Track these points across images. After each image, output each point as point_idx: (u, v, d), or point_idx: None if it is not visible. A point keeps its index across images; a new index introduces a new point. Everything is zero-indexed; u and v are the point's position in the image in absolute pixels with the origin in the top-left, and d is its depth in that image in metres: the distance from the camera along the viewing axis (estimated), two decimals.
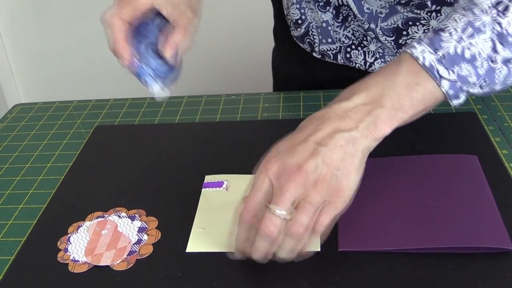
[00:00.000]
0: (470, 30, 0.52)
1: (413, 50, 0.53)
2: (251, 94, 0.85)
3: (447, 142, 0.68)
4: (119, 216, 0.61)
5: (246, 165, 0.65)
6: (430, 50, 0.52)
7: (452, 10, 0.56)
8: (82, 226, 0.60)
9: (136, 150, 0.73)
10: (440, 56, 0.52)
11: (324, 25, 0.82)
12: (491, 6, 0.53)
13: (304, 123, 0.54)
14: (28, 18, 1.90)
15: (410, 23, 0.75)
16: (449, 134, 0.69)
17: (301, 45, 0.88)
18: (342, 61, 0.84)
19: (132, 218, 0.60)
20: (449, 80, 0.52)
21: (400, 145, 0.67)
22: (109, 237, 0.58)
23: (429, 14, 0.74)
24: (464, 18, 0.53)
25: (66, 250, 0.57)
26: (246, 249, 0.52)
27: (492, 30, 0.52)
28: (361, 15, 0.77)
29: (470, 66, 0.52)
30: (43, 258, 0.56)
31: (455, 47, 0.52)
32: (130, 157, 0.72)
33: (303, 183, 0.49)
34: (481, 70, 0.52)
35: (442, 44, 0.52)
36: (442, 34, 0.53)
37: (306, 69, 0.89)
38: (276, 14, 0.93)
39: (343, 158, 0.50)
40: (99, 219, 0.61)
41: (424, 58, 0.52)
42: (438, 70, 0.52)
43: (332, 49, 0.84)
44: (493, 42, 0.52)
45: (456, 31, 0.52)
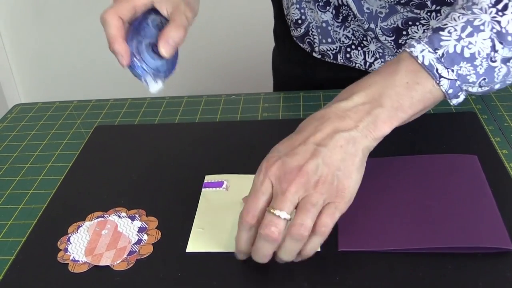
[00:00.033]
0: (469, 29, 0.52)
1: (412, 49, 0.53)
2: (251, 94, 0.85)
3: (447, 142, 0.68)
4: (119, 216, 0.61)
5: (246, 165, 0.65)
6: (430, 49, 0.52)
7: (451, 9, 0.56)
8: (82, 226, 0.60)
9: (136, 150, 0.73)
10: (439, 55, 0.52)
11: (324, 25, 0.82)
12: (490, 5, 0.52)
13: (303, 124, 0.54)
14: (28, 18, 1.90)
15: (410, 23, 0.75)
16: (449, 134, 0.69)
17: (301, 45, 0.87)
18: (342, 61, 0.84)
19: (132, 218, 0.60)
20: (448, 79, 0.52)
21: (400, 145, 0.67)
22: (109, 237, 0.58)
23: (429, 14, 0.74)
24: (463, 17, 0.53)
25: (66, 250, 0.57)
26: (247, 250, 0.51)
27: (491, 29, 0.52)
28: (361, 15, 0.77)
29: (469, 65, 0.52)
30: (43, 258, 0.56)
31: (455, 46, 0.52)
32: (130, 157, 0.72)
33: (304, 185, 0.49)
34: (480, 69, 0.52)
35: (442, 43, 0.52)
36: (441, 33, 0.53)
37: (306, 69, 0.89)
38: (276, 14, 0.93)
39: (344, 158, 0.50)
40: (99, 219, 0.61)
41: (423, 57, 0.52)
42: (437, 70, 0.52)
43: (332, 49, 0.84)
44: (492, 41, 0.52)
45: (455, 30, 0.52)
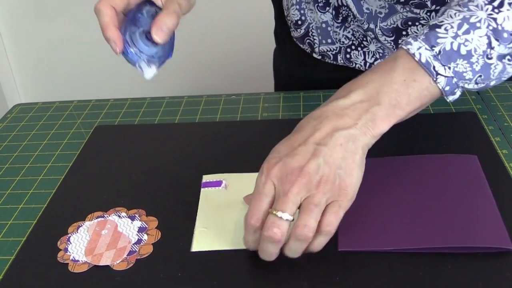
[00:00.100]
0: (465, 26, 0.52)
1: (409, 47, 0.53)
2: (251, 94, 0.85)
3: (447, 142, 0.68)
4: (119, 216, 0.61)
5: (247, 165, 0.65)
6: (427, 47, 0.52)
7: (447, 6, 0.56)
8: (82, 226, 0.60)
9: (136, 150, 0.73)
10: (436, 52, 0.52)
11: (323, 25, 0.82)
12: (486, 2, 0.53)
13: (302, 123, 0.54)
14: (28, 18, 1.90)
15: (410, 23, 0.75)
16: (449, 134, 0.69)
17: (301, 46, 0.87)
18: (342, 61, 0.84)
19: (132, 218, 0.60)
20: (445, 76, 0.52)
21: (400, 145, 0.67)
22: (109, 237, 0.58)
23: (428, 14, 0.74)
24: (459, 14, 0.53)
25: (66, 250, 0.57)
26: (256, 249, 0.52)
27: (487, 26, 0.52)
28: (360, 15, 0.77)
29: (466, 62, 0.52)
30: (43, 258, 0.56)
31: (451, 44, 0.52)
32: (130, 157, 0.72)
33: (306, 185, 0.49)
34: (476, 66, 0.52)
35: (438, 40, 0.52)
36: (438, 30, 0.53)
37: (306, 70, 0.89)
38: (276, 15, 0.93)
39: (344, 156, 0.50)
40: (99, 219, 0.61)
41: (420, 54, 0.52)
42: (434, 67, 0.52)
43: (332, 49, 0.84)
44: (488, 38, 0.52)
45: (452, 27, 0.52)
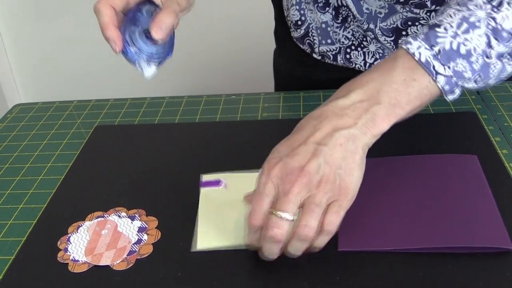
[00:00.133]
0: (465, 25, 0.52)
1: (409, 46, 0.53)
2: (251, 94, 0.85)
3: (447, 142, 0.68)
4: (119, 216, 0.61)
5: (247, 165, 0.65)
6: (426, 46, 0.52)
7: (446, 5, 0.56)
8: (82, 226, 0.60)
9: (136, 150, 0.73)
10: (436, 52, 0.52)
11: (323, 26, 0.82)
12: (486, 1, 0.53)
13: (301, 123, 0.54)
14: (28, 18, 1.90)
15: (409, 23, 0.75)
16: (449, 134, 0.69)
17: (301, 46, 0.87)
18: (342, 62, 0.84)
19: (132, 218, 0.60)
20: (445, 75, 0.52)
21: (400, 145, 0.67)
22: (109, 237, 0.58)
23: (428, 14, 0.74)
24: (459, 13, 0.53)
25: (66, 250, 0.57)
26: (258, 248, 0.52)
27: (487, 26, 0.52)
28: (360, 15, 0.77)
29: (465, 61, 0.52)
30: (43, 258, 0.56)
31: (451, 43, 0.52)
32: (130, 157, 0.72)
33: (307, 185, 0.49)
34: (476, 65, 0.53)
35: (438, 39, 0.52)
36: (437, 29, 0.53)
37: (306, 70, 0.89)
38: (276, 15, 0.93)
39: (345, 156, 0.50)
40: (99, 219, 0.61)
41: (420, 54, 0.52)
42: (434, 66, 0.52)
43: (331, 50, 0.84)
44: (488, 37, 0.52)
45: (451, 27, 0.52)
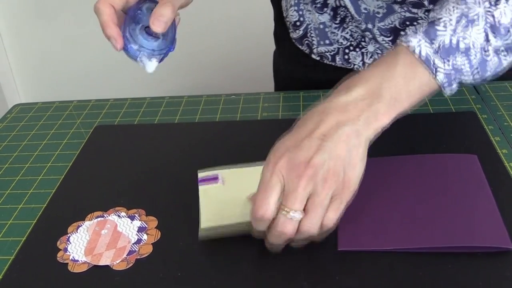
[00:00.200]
0: (464, 21, 0.53)
1: (409, 42, 0.53)
2: (251, 94, 0.85)
3: (447, 141, 0.68)
4: (119, 215, 0.61)
5: None
6: (426, 42, 0.53)
7: (445, 1, 0.56)
8: (81, 226, 0.60)
9: (136, 150, 0.73)
10: (435, 47, 0.52)
11: (321, 26, 0.82)
12: None
13: (305, 118, 0.54)
14: (28, 18, 1.90)
15: (408, 23, 0.75)
16: (449, 133, 0.69)
17: (300, 47, 0.87)
18: (340, 62, 0.84)
19: (131, 218, 0.60)
20: (444, 71, 0.53)
21: (400, 145, 0.67)
22: (108, 236, 0.58)
23: (426, 13, 0.74)
24: (458, 9, 0.54)
25: (65, 249, 0.57)
26: (263, 236, 0.53)
27: (485, 21, 0.53)
28: (358, 16, 0.77)
29: (464, 57, 0.53)
30: (43, 257, 0.56)
31: (450, 39, 0.53)
32: (129, 157, 0.72)
33: (313, 179, 0.50)
34: (474, 60, 0.53)
35: (438, 35, 0.53)
36: (436, 25, 0.53)
37: (306, 71, 0.89)
38: (276, 16, 0.93)
39: (349, 150, 0.51)
40: (99, 219, 0.61)
41: (420, 49, 0.53)
42: (434, 62, 0.53)
43: (330, 50, 0.84)
44: (486, 33, 0.53)
45: (450, 23, 0.53)
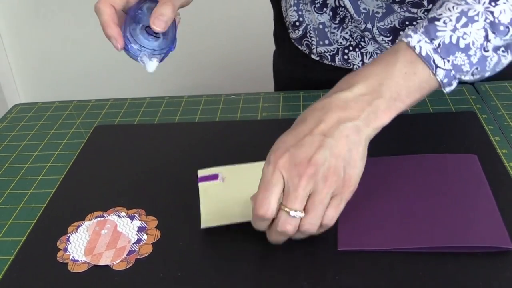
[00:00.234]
0: (464, 19, 0.53)
1: (409, 39, 0.54)
2: (251, 93, 0.85)
3: (447, 141, 0.68)
4: (119, 215, 0.61)
5: None
6: (427, 40, 0.53)
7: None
8: (81, 225, 0.60)
9: (135, 150, 0.73)
10: (436, 45, 0.53)
11: (321, 26, 0.82)
12: None
13: (305, 114, 0.54)
14: (28, 19, 1.90)
15: (407, 23, 0.75)
16: (449, 133, 0.69)
17: (299, 47, 0.87)
18: (340, 62, 0.84)
19: (131, 218, 0.60)
20: (444, 69, 0.53)
21: (400, 145, 0.67)
22: (108, 236, 0.58)
23: (425, 13, 0.74)
24: (457, 7, 0.54)
25: (65, 249, 0.57)
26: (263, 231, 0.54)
27: (485, 20, 0.53)
28: (357, 15, 0.77)
29: (464, 55, 0.53)
30: (43, 257, 0.56)
31: (450, 37, 0.53)
32: (129, 156, 0.72)
33: (314, 178, 0.50)
34: (474, 58, 0.53)
35: (438, 33, 0.53)
36: (437, 23, 0.53)
37: (306, 71, 0.89)
38: (275, 16, 0.93)
39: (350, 148, 0.51)
40: (99, 219, 0.61)
41: (420, 47, 0.53)
42: (434, 60, 0.53)
43: (329, 50, 0.84)
44: (485, 31, 0.53)
45: (450, 21, 0.53)
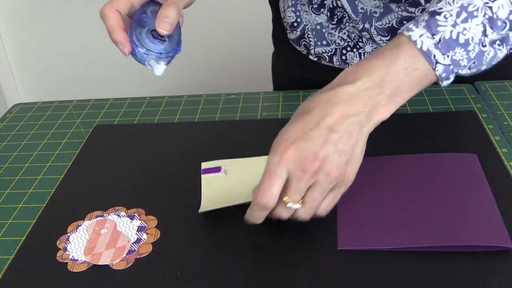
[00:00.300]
0: (464, 14, 0.53)
1: (411, 33, 0.54)
2: (251, 93, 0.85)
3: (447, 141, 0.68)
4: (118, 215, 0.61)
5: None
6: (428, 35, 0.53)
7: None
8: (81, 225, 0.60)
9: (135, 149, 0.73)
10: (436, 41, 0.53)
11: (318, 27, 0.82)
12: None
13: (310, 106, 0.54)
14: (28, 18, 1.90)
15: (405, 22, 0.75)
16: (448, 133, 0.69)
17: (297, 48, 0.87)
18: (338, 63, 0.84)
19: (131, 217, 0.60)
20: (443, 64, 0.53)
21: (400, 144, 0.67)
22: (108, 236, 0.58)
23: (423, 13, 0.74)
24: (457, 1, 0.54)
25: (65, 249, 0.57)
26: (255, 223, 0.54)
27: (484, 15, 0.53)
28: (355, 15, 0.77)
29: (463, 50, 0.53)
30: (43, 257, 0.56)
31: (451, 32, 0.53)
32: (129, 156, 0.72)
33: (317, 172, 0.51)
34: (472, 53, 0.54)
35: (439, 28, 0.53)
36: (437, 17, 0.54)
37: (304, 72, 0.89)
38: (274, 17, 0.93)
39: (353, 144, 0.52)
40: (98, 218, 0.61)
41: (422, 42, 0.53)
42: (434, 55, 0.53)
43: (327, 51, 0.84)
44: (484, 26, 0.53)
45: (451, 15, 0.53)
